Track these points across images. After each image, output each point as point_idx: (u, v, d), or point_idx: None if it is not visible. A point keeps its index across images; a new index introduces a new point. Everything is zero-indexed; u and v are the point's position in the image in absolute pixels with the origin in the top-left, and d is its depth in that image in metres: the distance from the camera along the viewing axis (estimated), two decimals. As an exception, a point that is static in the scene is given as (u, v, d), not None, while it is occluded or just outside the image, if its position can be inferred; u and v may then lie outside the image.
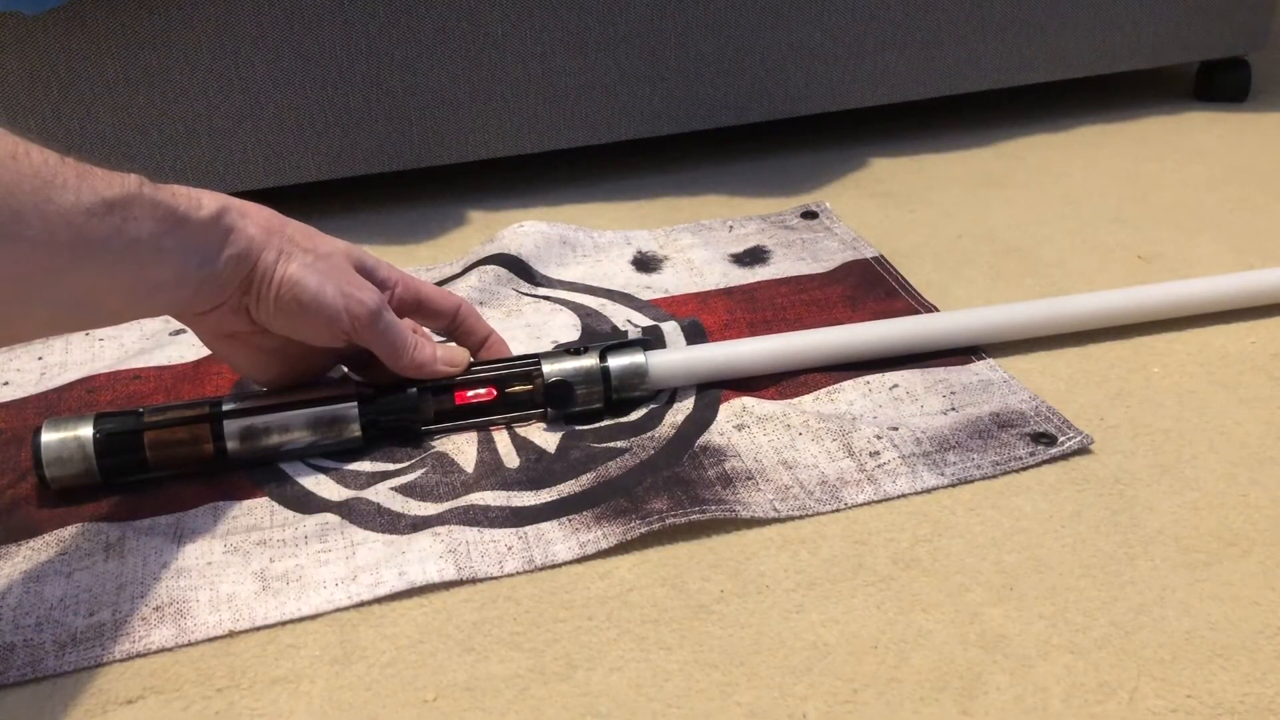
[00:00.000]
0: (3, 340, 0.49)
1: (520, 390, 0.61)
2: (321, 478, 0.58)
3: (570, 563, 0.51)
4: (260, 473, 0.58)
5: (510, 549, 0.52)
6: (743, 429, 0.59)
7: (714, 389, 0.63)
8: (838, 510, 0.54)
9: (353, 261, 0.57)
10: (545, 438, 0.60)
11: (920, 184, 0.93)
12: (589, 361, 0.61)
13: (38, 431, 0.56)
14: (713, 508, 0.53)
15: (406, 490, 0.56)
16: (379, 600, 0.49)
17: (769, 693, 0.44)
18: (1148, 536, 0.52)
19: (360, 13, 0.84)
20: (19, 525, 0.54)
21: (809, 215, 0.87)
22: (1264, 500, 0.54)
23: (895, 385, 0.63)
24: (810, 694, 0.44)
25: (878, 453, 0.57)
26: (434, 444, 0.60)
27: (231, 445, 0.57)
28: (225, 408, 0.57)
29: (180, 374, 0.67)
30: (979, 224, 0.85)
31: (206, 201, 0.51)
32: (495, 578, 0.50)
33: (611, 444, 0.59)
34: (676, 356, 0.63)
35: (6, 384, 0.67)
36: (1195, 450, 0.57)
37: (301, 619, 0.49)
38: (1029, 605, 0.48)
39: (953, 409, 0.61)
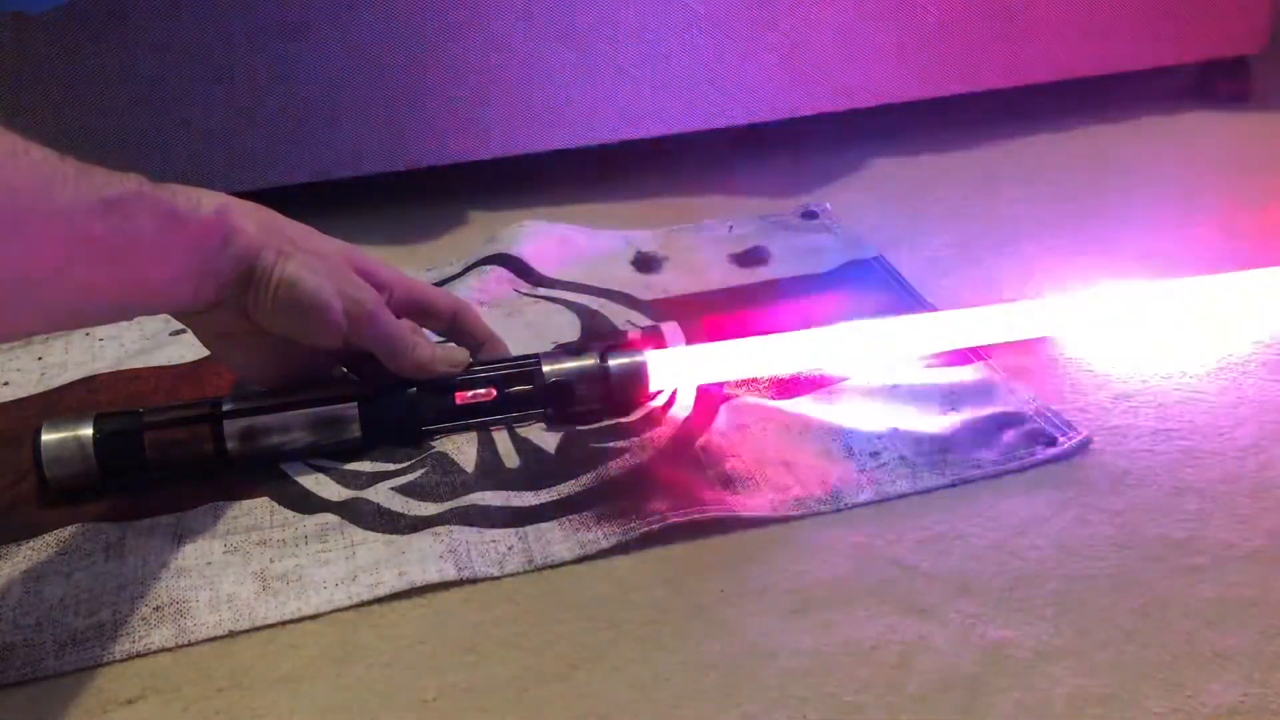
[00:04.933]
0: (2, 338, 0.49)
1: (520, 390, 0.61)
2: (321, 478, 0.58)
3: (570, 563, 0.51)
4: (260, 473, 0.58)
5: (510, 549, 0.52)
6: (743, 429, 0.59)
7: (714, 389, 0.63)
8: (838, 510, 0.54)
9: (351, 262, 0.57)
10: (545, 438, 0.60)
11: (920, 184, 0.93)
12: (589, 361, 0.61)
13: (38, 431, 0.56)
14: (713, 508, 0.53)
15: (406, 490, 0.56)
16: (379, 600, 0.49)
17: (769, 695, 0.44)
18: (1148, 537, 0.52)
19: (359, 12, 0.84)
20: (19, 525, 0.54)
21: (809, 215, 0.87)
22: (1264, 501, 0.54)
23: (895, 385, 0.63)
24: (810, 695, 0.44)
25: (878, 453, 0.57)
26: (434, 444, 0.60)
27: (231, 445, 0.57)
28: (225, 408, 0.57)
29: (180, 374, 0.67)
30: (979, 224, 0.85)
31: (206, 201, 0.51)
32: (495, 578, 0.50)
33: (611, 444, 0.59)
34: (676, 356, 0.63)
35: (6, 384, 0.67)
36: (1196, 451, 0.57)
37: (301, 619, 0.49)
38: (1030, 607, 0.48)
39: (953, 409, 0.61)
